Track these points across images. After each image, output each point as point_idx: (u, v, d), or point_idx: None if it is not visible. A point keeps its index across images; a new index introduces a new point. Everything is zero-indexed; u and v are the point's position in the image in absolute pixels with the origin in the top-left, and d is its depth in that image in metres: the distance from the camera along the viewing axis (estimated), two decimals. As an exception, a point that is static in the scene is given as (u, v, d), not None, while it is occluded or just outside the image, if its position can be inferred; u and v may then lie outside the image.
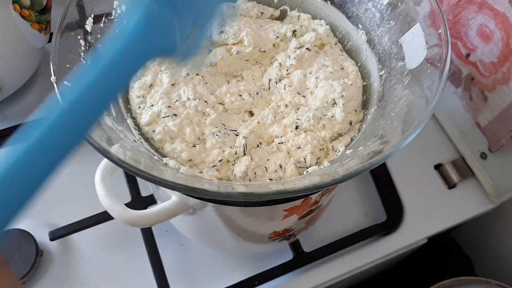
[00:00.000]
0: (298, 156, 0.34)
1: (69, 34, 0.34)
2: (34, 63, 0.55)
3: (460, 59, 0.50)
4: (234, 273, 0.49)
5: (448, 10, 0.48)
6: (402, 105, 0.33)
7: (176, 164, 0.33)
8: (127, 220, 0.34)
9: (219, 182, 0.33)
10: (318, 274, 0.49)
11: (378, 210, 0.54)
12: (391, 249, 0.51)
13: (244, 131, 0.35)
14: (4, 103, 0.57)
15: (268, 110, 0.37)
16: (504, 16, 0.43)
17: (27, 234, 0.47)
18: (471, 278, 0.56)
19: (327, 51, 0.41)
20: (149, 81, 0.37)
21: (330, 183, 0.27)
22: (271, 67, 0.40)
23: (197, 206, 0.36)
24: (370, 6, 0.39)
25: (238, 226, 0.40)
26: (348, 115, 0.36)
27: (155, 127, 0.35)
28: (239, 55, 0.39)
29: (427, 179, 0.56)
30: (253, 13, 0.42)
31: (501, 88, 0.46)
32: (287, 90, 0.38)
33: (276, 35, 0.40)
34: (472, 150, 0.55)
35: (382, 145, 0.31)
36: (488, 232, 0.65)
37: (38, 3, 0.49)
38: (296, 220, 0.40)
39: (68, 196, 0.52)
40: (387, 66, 0.37)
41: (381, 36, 0.38)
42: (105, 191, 0.35)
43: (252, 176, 0.33)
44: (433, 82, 0.32)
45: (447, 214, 0.54)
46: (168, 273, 0.47)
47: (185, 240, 0.51)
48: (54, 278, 0.48)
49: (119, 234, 0.51)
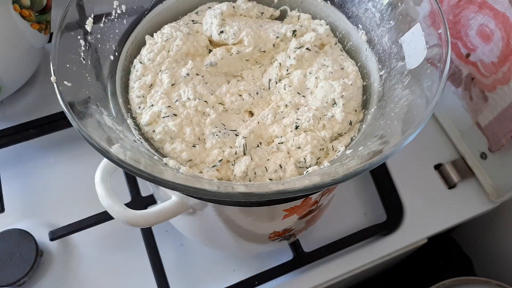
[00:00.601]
0: (298, 156, 0.34)
1: (69, 34, 0.34)
2: (34, 63, 0.55)
3: (460, 59, 0.50)
4: (234, 273, 0.49)
5: (448, 10, 0.48)
6: (402, 105, 0.33)
7: (176, 164, 0.33)
8: (127, 220, 0.34)
9: (219, 182, 0.33)
10: (318, 274, 0.49)
11: (378, 210, 0.54)
12: (391, 249, 0.51)
13: (244, 131, 0.35)
14: (4, 103, 0.57)
15: (268, 110, 0.37)
16: (504, 16, 0.43)
17: (27, 234, 0.47)
18: (471, 278, 0.56)
19: (327, 51, 0.41)
20: (149, 81, 0.37)
21: (330, 183, 0.27)
22: (271, 67, 0.40)
23: (197, 206, 0.36)
24: (370, 6, 0.39)
25: (238, 226, 0.40)
26: (348, 115, 0.36)
27: (155, 127, 0.35)
28: (239, 55, 0.39)
29: (427, 179, 0.56)
30: (253, 13, 0.42)
31: (501, 88, 0.46)
32: (287, 90, 0.38)
33: (276, 35, 0.40)
34: (472, 150, 0.55)
35: (382, 145, 0.31)
36: (488, 232, 0.65)
37: (38, 3, 0.49)
38: (296, 220, 0.40)
39: (68, 196, 0.52)
40: (387, 66, 0.37)
41: (381, 36, 0.38)
42: (105, 191, 0.34)
43: (252, 176, 0.33)
44: (433, 82, 0.32)
45: (447, 214, 0.54)
46: (168, 273, 0.47)
47: (185, 240, 0.51)
48: (54, 278, 0.48)
49: (119, 234, 0.51)
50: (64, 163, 0.54)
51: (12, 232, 0.47)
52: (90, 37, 0.36)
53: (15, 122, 0.53)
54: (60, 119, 0.53)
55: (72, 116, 0.29)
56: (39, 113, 0.54)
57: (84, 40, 0.35)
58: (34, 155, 0.54)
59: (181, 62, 0.39)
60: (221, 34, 0.39)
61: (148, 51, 0.38)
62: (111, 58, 0.37)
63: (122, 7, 0.38)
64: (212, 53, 0.40)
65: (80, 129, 0.29)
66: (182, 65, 0.38)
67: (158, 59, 0.38)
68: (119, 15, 0.38)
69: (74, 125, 0.29)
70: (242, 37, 0.39)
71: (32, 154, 0.54)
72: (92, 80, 0.35)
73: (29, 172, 0.53)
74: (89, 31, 0.36)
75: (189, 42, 0.39)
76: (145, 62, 0.38)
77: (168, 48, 0.38)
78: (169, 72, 0.37)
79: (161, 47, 0.38)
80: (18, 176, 0.53)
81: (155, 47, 0.38)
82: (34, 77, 0.58)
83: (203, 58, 0.40)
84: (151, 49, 0.38)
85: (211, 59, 0.39)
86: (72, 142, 0.55)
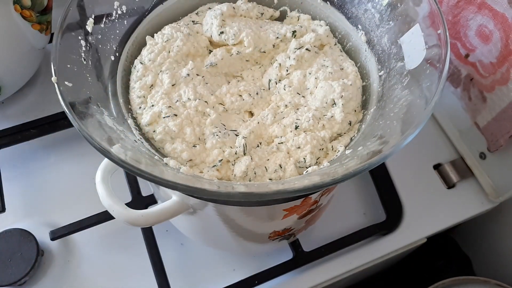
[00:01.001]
0: (297, 156, 0.35)
1: (70, 34, 0.34)
2: (35, 63, 0.55)
3: (459, 60, 0.50)
4: (234, 273, 0.50)
5: (447, 11, 0.48)
6: (402, 105, 0.34)
7: (177, 164, 0.33)
8: (127, 219, 0.34)
9: (219, 182, 0.33)
10: (318, 273, 0.49)
11: (377, 210, 0.54)
12: (390, 248, 0.52)
13: (244, 131, 0.36)
14: (5, 103, 0.57)
15: (268, 110, 0.37)
16: (503, 17, 0.43)
17: (27, 234, 0.47)
18: (471, 278, 0.56)
19: (326, 52, 0.41)
20: (150, 81, 0.37)
21: (330, 183, 0.27)
22: (271, 68, 0.40)
23: (198, 205, 0.36)
24: (369, 6, 0.39)
25: (238, 226, 0.40)
26: (347, 115, 0.37)
27: (156, 127, 0.35)
28: (239, 56, 0.39)
29: (426, 179, 0.56)
30: (253, 14, 0.42)
31: (500, 88, 0.46)
32: (287, 91, 0.38)
33: (276, 36, 0.40)
34: (471, 150, 0.55)
35: (381, 145, 0.31)
36: (487, 232, 0.66)
37: (39, 4, 0.49)
38: (296, 220, 0.40)
39: (68, 196, 0.52)
40: (386, 66, 0.37)
41: (381, 36, 0.38)
42: (105, 191, 0.35)
43: (252, 176, 0.33)
44: (432, 82, 0.32)
45: (446, 214, 0.54)
46: (168, 273, 0.47)
47: (185, 240, 0.51)
48: (55, 277, 0.48)
49: (119, 234, 0.51)
50: (64, 163, 0.54)
51: (13, 232, 0.47)
52: (90, 37, 0.36)
53: (16, 122, 0.53)
54: (61, 119, 0.53)
55: (73, 116, 0.29)
56: (40, 113, 0.54)
57: (85, 41, 0.35)
58: (35, 155, 0.55)
59: (181, 62, 0.39)
60: (221, 35, 0.39)
61: (149, 51, 0.38)
62: (111, 58, 0.38)
63: (123, 8, 0.39)
64: (212, 53, 0.40)
65: (81, 129, 0.29)
66: (182, 66, 0.38)
67: (159, 60, 0.38)
68: (120, 15, 0.38)
69: (75, 125, 0.29)
70: (242, 37, 0.39)
71: (33, 154, 0.55)
72: (93, 80, 0.35)
73: (30, 172, 0.53)
74: (89, 31, 0.36)
75: (189, 43, 0.39)
76: (146, 63, 0.38)
77: (169, 49, 0.39)
78: (169, 72, 0.37)
79: (162, 48, 0.39)
80: (19, 176, 0.53)
81: (155, 48, 0.38)
82: (35, 78, 0.58)
83: (203, 59, 0.40)
84: (151, 50, 0.38)
85: (211, 60, 0.39)
86: (73, 142, 0.55)
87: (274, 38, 0.40)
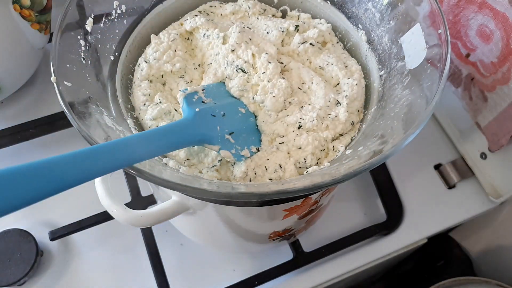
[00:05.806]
0: (298, 157, 0.34)
1: (69, 34, 0.34)
2: (34, 63, 0.55)
3: (460, 59, 0.50)
4: (234, 273, 0.49)
5: (448, 10, 0.48)
6: (402, 105, 0.33)
7: (176, 164, 0.33)
8: (127, 220, 0.34)
9: (219, 182, 0.33)
10: (318, 274, 0.49)
11: (378, 210, 0.54)
12: (391, 249, 0.52)
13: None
14: (4, 103, 0.57)
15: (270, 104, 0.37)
16: (504, 16, 0.43)
17: (27, 234, 0.47)
18: (471, 278, 0.56)
19: (329, 49, 0.40)
20: (156, 80, 0.38)
21: (330, 183, 0.27)
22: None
23: (197, 206, 0.36)
24: (370, 6, 0.39)
25: (238, 226, 0.40)
26: (351, 115, 0.36)
27: (160, 122, 0.35)
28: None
29: (427, 179, 0.56)
30: (256, 11, 0.42)
31: (501, 88, 0.46)
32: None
33: (281, 30, 0.39)
34: (472, 150, 0.55)
35: (382, 145, 0.31)
36: (488, 232, 0.65)
37: (38, 3, 0.49)
38: (296, 220, 0.40)
39: (68, 196, 0.52)
40: (387, 66, 0.37)
41: (381, 36, 0.38)
42: (105, 191, 0.35)
43: (252, 176, 0.33)
44: (433, 82, 0.32)
45: (447, 214, 0.54)
46: (168, 273, 0.47)
47: (185, 240, 0.51)
48: (54, 277, 0.48)
49: (119, 234, 0.51)
50: (64, 163, 0.54)
51: (12, 232, 0.47)
52: (90, 37, 0.36)
53: (15, 122, 0.53)
54: (60, 119, 0.53)
55: (72, 116, 0.29)
56: (39, 113, 0.54)
57: (84, 40, 0.35)
58: (34, 155, 0.54)
59: (189, 61, 0.39)
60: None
61: (154, 50, 0.38)
62: (111, 58, 0.37)
63: (122, 7, 0.38)
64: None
65: (80, 129, 0.29)
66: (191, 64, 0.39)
67: (165, 58, 0.38)
68: (119, 15, 0.38)
69: (74, 125, 0.29)
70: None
71: (32, 154, 0.54)
72: (92, 80, 0.35)
73: (29, 172, 0.53)
74: (89, 31, 0.36)
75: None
76: (151, 61, 0.38)
77: (175, 48, 0.38)
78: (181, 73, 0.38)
79: (167, 47, 0.38)
80: (18, 176, 0.53)
81: (160, 47, 0.38)
82: (34, 77, 0.58)
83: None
84: (156, 48, 0.38)
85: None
86: (72, 142, 0.55)
87: (281, 32, 0.40)
